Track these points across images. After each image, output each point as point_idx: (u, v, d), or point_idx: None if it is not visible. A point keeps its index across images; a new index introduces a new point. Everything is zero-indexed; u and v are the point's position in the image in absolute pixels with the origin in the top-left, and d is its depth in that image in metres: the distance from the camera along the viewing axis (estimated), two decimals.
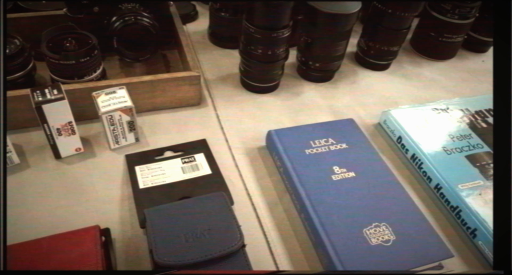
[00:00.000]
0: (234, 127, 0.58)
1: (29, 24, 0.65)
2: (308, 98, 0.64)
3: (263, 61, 0.59)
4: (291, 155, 0.51)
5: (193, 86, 0.58)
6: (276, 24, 0.56)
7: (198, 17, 0.80)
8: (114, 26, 0.59)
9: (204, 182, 0.49)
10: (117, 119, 0.50)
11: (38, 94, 0.46)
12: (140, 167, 0.51)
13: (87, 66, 0.55)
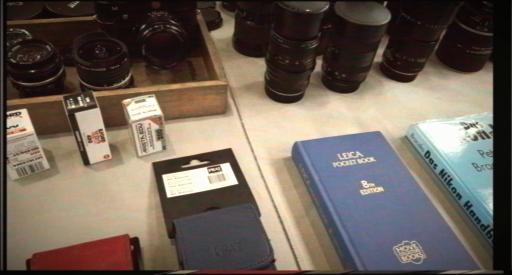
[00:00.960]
0: (259, 137, 0.58)
1: (58, 30, 0.67)
2: (334, 109, 0.64)
3: (290, 71, 0.59)
4: (318, 167, 0.50)
5: (220, 95, 0.59)
6: (305, 35, 0.56)
7: (223, 24, 0.80)
8: (143, 34, 0.60)
9: (231, 192, 0.49)
10: (146, 127, 0.51)
11: (71, 102, 0.47)
12: (167, 176, 0.51)
13: (117, 74, 0.56)
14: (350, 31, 0.58)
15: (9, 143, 0.45)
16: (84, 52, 0.56)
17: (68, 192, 0.49)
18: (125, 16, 0.62)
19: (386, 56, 0.70)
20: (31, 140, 0.47)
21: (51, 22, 0.66)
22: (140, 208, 0.48)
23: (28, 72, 0.55)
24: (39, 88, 0.57)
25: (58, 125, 0.54)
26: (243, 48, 0.73)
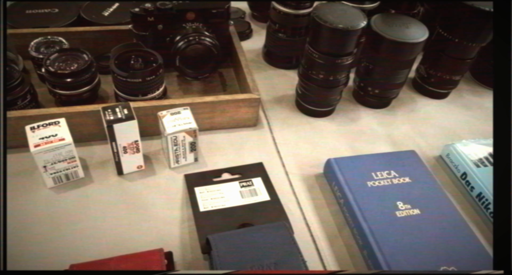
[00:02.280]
0: (290, 151, 0.57)
1: (93, 38, 0.68)
2: (365, 125, 0.63)
3: (323, 86, 0.59)
4: (353, 186, 0.50)
5: (252, 108, 0.58)
6: (341, 51, 0.55)
7: (252, 35, 0.80)
8: (178, 45, 0.60)
9: (263, 208, 0.49)
10: (181, 140, 0.51)
11: (109, 113, 0.47)
12: (200, 189, 0.51)
13: (152, 85, 0.56)
14: (386, 47, 0.58)
15: (47, 151, 0.46)
16: (119, 62, 0.56)
17: (102, 202, 0.49)
18: (160, 27, 0.62)
19: (420, 72, 0.69)
20: (69, 149, 0.47)
21: (87, 30, 0.67)
22: (173, 220, 0.48)
23: (65, 81, 0.56)
24: (74, 97, 0.57)
25: (93, 134, 0.55)
26: (274, 60, 0.73)
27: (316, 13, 0.54)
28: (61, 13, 0.73)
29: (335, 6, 0.57)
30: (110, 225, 0.47)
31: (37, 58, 0.60)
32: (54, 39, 0.62)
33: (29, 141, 0.46)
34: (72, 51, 0.58)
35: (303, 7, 0.65)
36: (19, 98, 0.53)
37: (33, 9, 0.74)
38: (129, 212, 0.48)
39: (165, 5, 0.61)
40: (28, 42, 0.62)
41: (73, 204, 0.48)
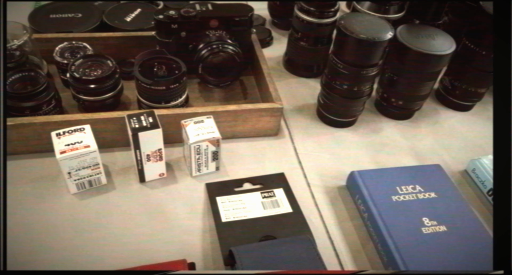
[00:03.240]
0: (312, 162, 0.57)
1: (116, 44, 0.68)
2: (388, 137, 0.62)
3: (347, 97, 0.58)
4: (377, 200, 0.49)
5: (274, 117, 0.58)
6: (367, 62, 0.55)
7: (273, 42, 0.80)
8: (201, 53, 0.60)
9: (285, 220, 0.48)
10: (204, 149, 0.51)
11: (134, 121, 0.47)
12: (221, 198, 0.51)
13: (175, 92, 0.56)
14: (412, 58, 0.57)
15: (72, 158, 0.46)
16: (143, 69, 0.56)
17: (124, 209, 0.49)
18: (183, 34, 0.62)
19: (444, 83, 0.68)
20: (94, 156, 0.47)
21: (110, 36, 0.67)
22: (195, 230, 0.48)
23: (89, 87, 0.56)
24: (97, 103, 0.58)
25: (115, 141, 0.55)
26: (294, 68, 0.73)
27: (342, 23, 0.54)
28: (85, 18, 0.74)
29: (361, 16, 0.57)
30: (132, 233, 0.47)
31: (62, 63, 0.61)
32: (79, 44, 0.63)
33: (55, 147, 0.46)
34: (97, 57, 0.58)
35: (326, 16, 0.65)
36: (44, 104, 0.54)
37: (57, 14, 0.75)
38: (151, 220, 0.48)
39: (189, 13, 0.61)
40: (53, 46, 0.63)
41: (96, 210, 0.49)
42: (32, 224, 0.46)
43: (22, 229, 0.46)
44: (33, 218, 0.47)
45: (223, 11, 0.64)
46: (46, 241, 0.45)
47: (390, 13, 0.65)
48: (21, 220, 0.46)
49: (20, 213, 0.47)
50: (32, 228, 0.46)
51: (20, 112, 0.53)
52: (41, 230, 0.46)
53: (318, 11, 0.64)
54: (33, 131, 0.51)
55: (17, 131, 0.51)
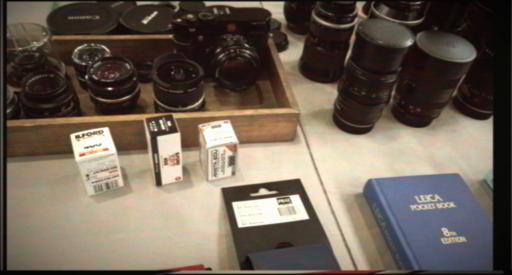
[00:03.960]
0: (328, 169, 0.56)
1: (133, 46, 0.68)
2: (405, 144, 0.61)
3: (364, 103, 0.58)
4: (395, 209, 0.48)
5: (291, 123, 0.58)
6: (386, 69, 0.54)
7: (288, 47, 0.80)
8: (218, 57, 0.60)
9: (302, 227, 0.48)
10: (221, 153, 0.51)
11: (153, 125, 0.47)
12: (237, 204, 0.50)
13: (193, 96, 0.56)
14: (431, 66, 0.56)
15: (91, 161, 0.46)
16: (161, 73, 0.56)
17: (141, 213, 0.49)
18: (200, 38, 0.63)
19: (462, 91, 0.67)
20: (112, 159, 0.48)
21: (128, 38, 0.68)
22: (211, 235, 0.47)
23: (107, 89, 0.56)
24: (114, 105, 0.58)
25: (132, 143, 0.55)
26: (310, 73, 0.72)
27: (362, 29, 0.53)
28: (102, 21, 0.74)
29: (381, 23, 0.56)
30: (149, 236, 0.47)
31: (80, 65, 0.61)
32: (97, 47, 0.63)
33: (74, 149, 0.46)
34: (115, 60, 0.59)
35: (344, 22, 0.64)
36: (63, 106, 0.54)
37: (75, 16, 0.76)
38: (167, 224, 0.48)
39: (207, 17, 0.62)
40: (71, 48, 0.63)
41: (113, 213, 0.49)
42: (49, 226, 0.46)
43: (39, 230, 0.46)
44: (51, 219, 0.47)
45: (241, 15, 0.64)
46: (63, 243, 0.45)
47: (409, 20, 0.64)
48: (38, 221, 0.47)
49: (37, 214, 0.48)
50: (49, 230, 0.46)
51: (39, 114, 0.53)
52: (58, 231, 0.46)
53: (336, 16, 0.64)
54: (52, 132, 0.52)
55: (36, 133, 0.51)
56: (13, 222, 0.46)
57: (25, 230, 0.46)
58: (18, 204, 0.48)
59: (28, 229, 0.46)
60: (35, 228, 0.46)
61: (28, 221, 0.47)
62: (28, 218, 0.47)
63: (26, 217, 0.47)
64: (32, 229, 0.46)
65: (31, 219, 0.47)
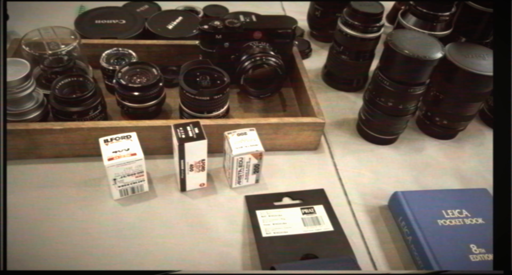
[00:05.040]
0: (352, 179, 0.56)
1: (159, 51, 0.69)
2: (431, 156, 0.60)
3: (391, 114, 0.57)
4: (422, 224, 0.47)
5: (315, 132, 0.57)
6: (415, 80, 0.53)
7: (311, 54, 0.79)
8: (244, 65, 0.60)
9: (327, 239, 0.47)
10: (246, 161, 0.51)
11: (181, 131, 0.48)
12: (261, 212, 0.50)
13: (218, 103, 0.56)
14: (461, 78, 0.55)
15: (119, 165, 0.47)
16: (186, 79, 0.57)
17: (165, 218, 0.49)
18: (226, 44, 0.63)
19: (490, 103, 0.66)
20: (139, 164, 0.48)
21: (154, 43, 0.69)
22: (234, 243, 0.47)
23: (134, 94, 0.57)
24: (140, 110, 0.59)
25: (157, 148, 0.55)
26: (334, 82, 0.72)
27: (391, 40, 0.53)
28: (128, 25, 0.75)
29: (410, 33, 0.56)
30: (173, 242, 0.47)
31: (107, 69, 0.62)
32: (124, 51, 0.64)
33: (103, 153, 0.47)
34: (143, 65, 0.59)
35: (370, 31, 0.64)
36: (91, 109, 0.55)
37: (101, 20, 0.77)
38: (191, 230, 0.48)
39: (234, 24, 0.62)
40: (98, 52, 0.64)
41: (138, 217, 0.49)
42: (76, 228, 0.47)
43: (67, 232, 0.47)
44: (77, 222, 0.48)
45: (267, 23, 0.64)
46: (89, 246, 0.46)
47: (437, 30, 0.64)
48: (66, 224, 0.47)
49: (65, 216, 0.48)
50: (74, 232, 0.47)
51: (68, 117, 0.54)
52: (83, 234, 0.47)
53: (363, 25, 0.64)
54: (80, 136, 0.53)
55: (65, 136, 0.52)
56: (41, 224, 0.47)
57: (53, 232, 0.46)
58: (45, 206, 0.49)
59: (56, 231, 0.46)
60: (63, 230, 0.47)
61: (56, 223, 0.47)
62: (55, 220, 0.47)
63: (54, 219, 0.48)
64: (59, 231, 0.47)
65: (59, 221, 0.47)
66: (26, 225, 0.47)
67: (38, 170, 0.53)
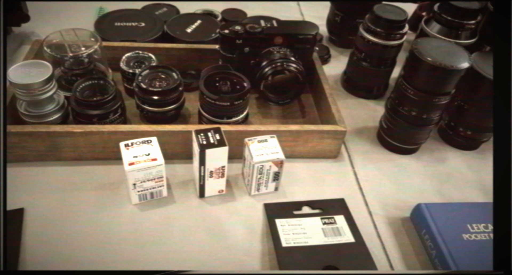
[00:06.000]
0: (373, 189, 0.55)
1: (178, 55, 0.69)
2: (453, 167, 0.59)
3: (414, 124, 0.56)
4: (447, 238, 0.46)
5: (336, 140, 0.57)
6: (441, 90, 0.52)
7: (330, 60, 0.79)
8: (264, 70, 0.60)
9: (348, 251, 0.46)
10: (266, 169, 0.50)
11: (202, 137, 0.47)
12: (281, 221, 0.49)
13: (239, 109, 0.56)
14: (487, 88, 0.54)
15: (140, 170, 0.47)
16: (206, 84, 0.56)
17: (183, 224, 0.49)
18: (246, 49, 0.62)
19: None
20: (160, 169, 0.48)
21: (173, 47, 0.68)
22: (254, 252, 0.47)
23: (154, 98, 0.56)
24: (159, 114, 0.58)
25: (176, 153, 0.55)
26: (353, 88, 0.71)
27: (417, 48, 0.52)
28: (148, 28, 0.76)
29: (436, 42, 0.55)
30: (192, 250, 0.46)
31: (127, 72, 0.62)
32: (144, 54, 0.64)
33: (124, 158, 0.47)
34: (163, 69, 0.59)
35: (393, 39, 0.63)
36: (111, 112, 0.55)
37: (121, 22, 0.77)
38: (210, 238, 0.48)
39: (254, 29, 0.61)
40: (118, 54, 0.64)
41: (157, 223, 0.49)
42: (95, 232, 0.47)
43: (86, 236, 0.46)
44: (96, 226, 0.47)
45: (288, 28, 0.63)
46: (106, 249, 0.45)
47: (461, 39, 0.62)
48: (85, 227, 0.47)
49: (83, 219, 0.48)
50: (93, 236, 0.46)
51: (88, 120, 0.54)
52: (102, 238, 0.46)
53: (385, 32, 0.62)
54: (100, 139, 0.52)
55: (85, 138, 0.52)
56: (60, 226, 0.47)
57: (71, 235, 0.46)
58: (65, 208, 0.49)
59: (75, 234, 0.46)
60: (82, 234, 0.46)
61: (75, 226, 0.47)
62: (74, 224, 0.47)
63: (73, 222, 0.47)
64: (79, 234, 0.46)
65: (78, 224, 0.47)
66: (45, 227, 0.47)
67: (57, 172, 0.53)
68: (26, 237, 0.45)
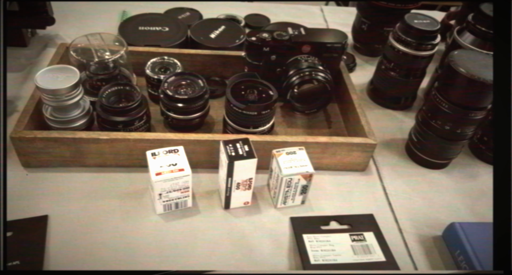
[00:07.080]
0: (403, 206, 0.53)
1: (202, 61, 0.68)
2: (486, 184, 0.57)
3: (446, 138, 0.54)
4: (483, 259, 0.44)
5: (365, 153, 0.55)
6: (478, 105, 0.50)
7: (356, 69, 0.77)
8: (291, 79, 0.58)
9: (378, 270, 0.45)
10: (295, 182, 0.48)
11: (230, 149, 0.46)
12: (308, 237, 0.48)
13: (265, 118, 0.54)
14: None
15: (166, 181, 0.46)
16: (234, 92, 0.55)
17: (209, 236, 0.48)
18: (273, 57, 0.61)
19: None
20: (186, 180, 0.47)
21: (198, 53, 0.67)
22: (281, 268, 0.45)
23: (179, 106, 0.56)
24: (184, 122, 0.57)
25: (201, 162, 0.54)
26: (380, 99, 0.69)
27: (454, 59, 0.50)
28: (171, 33, 0.75)
29: (474, 54, 0.53)
30: (218, 264, 0.45)
31: (152, 78, 0.61)
32: (169, 60, 0.63)
33: (150, 167, 0.46)
34: (189, 76, 0.58)
35: (424, 49, 0.61)
36: (137, 119, 0.54)
37: (145, 26, 0.77)
38: (236, 251, 0.46)
39: (282, 36, 0.60)
40: (142, 59, 0.64)
41: (181, 234, 0.47)
42: (119, 242, 0.46)
43: (109, 246, 0.45)
44: (119, 235, 0.46)
45: (317, 36, 0.62)
46: (129, 260, 0.44)
47: None
48: (108, 237, 0.46)
49: (108, 228, 0.47)
50: (116, 246, 0.46)
51: (113, 126, 0.54)
52: (125, 249, 0.45)
53: (416, 42, 0.61)
54: (126, 146, 0.52)
55: (110, 145, 0.52)
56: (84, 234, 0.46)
57: (95, 244, 0.45)
58: (89, 216, 0.48)
59: (98, 243, 0.45)
60: (105, 243, 0.46)
61: (99, 235, 0.46)
62: (98, 233, 0.46)
63: (97, 230, 0.47)
64: (102, 243, 0.45)
65: (102, 233, 0.46)
66: (68, 234, 0.46)
67: (81, 178, 0.52)
68: (50, 244, 0.45)
